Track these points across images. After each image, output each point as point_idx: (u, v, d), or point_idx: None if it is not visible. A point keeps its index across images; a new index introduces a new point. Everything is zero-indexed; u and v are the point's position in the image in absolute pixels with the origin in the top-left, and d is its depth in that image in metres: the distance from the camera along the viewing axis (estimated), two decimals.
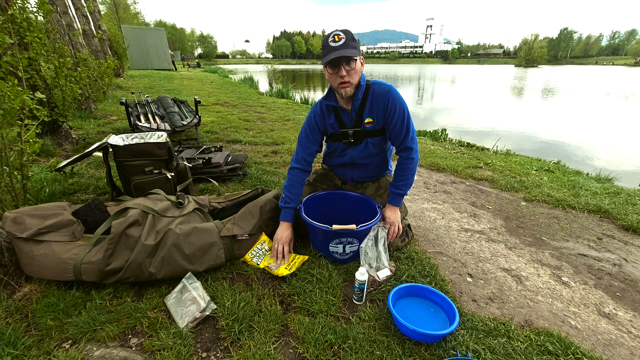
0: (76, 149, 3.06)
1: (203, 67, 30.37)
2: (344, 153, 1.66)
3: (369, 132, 1.56)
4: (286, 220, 1.57)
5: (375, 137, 1.58)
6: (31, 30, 2.03)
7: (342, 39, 1.33)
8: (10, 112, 1.35)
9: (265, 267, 1.47)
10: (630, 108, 11.49)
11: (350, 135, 1.57)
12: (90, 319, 1.15)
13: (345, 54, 1.31)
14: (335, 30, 1.37)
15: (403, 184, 1.57)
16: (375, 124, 1.54)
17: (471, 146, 4.43)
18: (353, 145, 1.62)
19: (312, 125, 1.63)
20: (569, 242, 1.95)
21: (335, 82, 1.40)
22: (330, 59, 1.32)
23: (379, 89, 1.48)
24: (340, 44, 1.32)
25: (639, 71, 52.43)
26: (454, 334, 1.16)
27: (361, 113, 1.52)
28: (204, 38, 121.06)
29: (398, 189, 1.58)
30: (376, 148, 1.62)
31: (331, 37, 1.35)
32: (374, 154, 1.64)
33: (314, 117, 1.62)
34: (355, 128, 1.56)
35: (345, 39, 1.33)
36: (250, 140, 3.85)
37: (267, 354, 1.05)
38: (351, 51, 1.33)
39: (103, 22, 9.55)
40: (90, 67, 5.28)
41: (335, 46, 1.33)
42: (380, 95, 1.48)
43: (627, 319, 1.35)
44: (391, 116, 1.49)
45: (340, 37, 1.33)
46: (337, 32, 1.35)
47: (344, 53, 1.31)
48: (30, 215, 1.31)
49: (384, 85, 1.49)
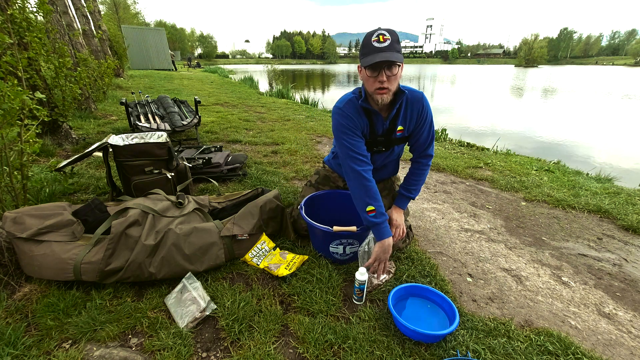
0: (76, 149, 3.06)
1: (203, 67, 30.37)
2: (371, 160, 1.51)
3: (399, 140, 1.51)
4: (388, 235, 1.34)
5: (401, 144, 1.55)
6: (31, 30, 2.02)
7: (388, 39, 1.21)
8: (10, 112, 1.35)
9: (265, 268, 1.47)
10: (630, 108, 11.49)
11: (381, 142, 1.48)
12: (90, 319, 1.15)
13: (390, 57, 1.20)
14: (379, 28, 1.25)
15: (414, 188, 1.55)
16: (405, 131, 1.48)
17: (471, 146, 4.43)
18: (382, 153, 1.54)
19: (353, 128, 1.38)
20: (569, 242, 1.95)
21: (372, 87, 1.28)
22: (374, 61, 1.20)
23: (412, 96, 1.41)
24: (386, 45, 1.21)
25: (639, 71, 52.42)
26: (454, 334, 1.16)
27: (395, 120, 1.44)
28: (204, 38, 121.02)
29: (409, 192, 1.55)
30: (399, 153, 1.61)
31: (375, 36, 1.22)
32: (394, 160, 1.63)
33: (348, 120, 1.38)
34: (387, 136, 1.47)
35: (391, 41, 1.21)
36: (250, 140, 3.85)
37: (267, 354, 1.05)
38: (396, 55, 1.21)
39: (103, 22, 9.54)
40: (90, 67, 5.28)
41: (380, 47, 1.21)
42: (414, 102, 1.41)
43: (627, 319, 1.35)
44: (422, 124, 1.45)
45: (386, 38, 1.21)
46: (382, 32, 1.23)
47: (389, 57, 1.19)
48: (30, 215, 1.31)
49: (417, 92, 1.42)
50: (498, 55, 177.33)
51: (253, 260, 1.50)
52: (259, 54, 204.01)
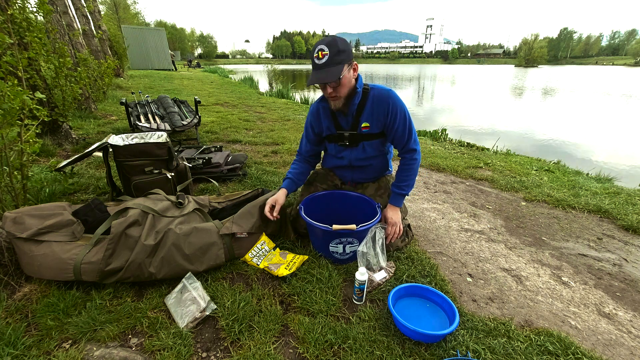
0: (76, 149, 3.06)
1: (203, 67, 30.37)
2: (341, 155, 1.66)
3: (366, 136, 1.56)
4: (281, 188, 1.62)
5: (372, 140, 1.58)
6: (31, 30, 2.02)
7: (326, 55, 1.28)
8: (10, 112, 1.35)
9: (265, 268, 1.47)
10: (631, 108, 11.49)
11: (346, 137, 1.57)
12: (90, 319, 1.15)
13: (325, 79, 1.30)
14: (320, 44, 1.31)
15: (405, 185, 1.57)
16: (372, 128, 1.53)
17: (471, 146, 4.43)
18: (349, 148, 1.61)
19: (308, 127, 1.65)
20: (569, 242, 1.95)
21: (325, 94, 1.43)
22: (311, 83, 1.32)
23: (379, 94, 1.47)
24: (324, 62, 1.29)
25: (639, 71, 52.40)
26: (454, 334, 1.15)
27: (358, 117, 1.51)
28: (204, 38, 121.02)
29: (400, 189, 1.58)
30: (374, 150, 1.62)
31: (315, 52, 1.31)
32: (373, 156, 1.64)
33: (310, 118, 1.64)
34: (351, 131, 1.56)
35: (329, 55, 1.28)
36: (250, 140, 3.85)
37: (267, 354, 1.05)
38: (333, 72, 1.29)
39: (103, 22, 9.54)
40: (90, 67, 5.28)
41: (319, 64, 1.30)
42: (380, 100, 1.47)
43: (627, 319, 1.35)
44: (393, 121, 1.49)
45: (324, 54, 1.28)
46: (322, 47, 1.29)
47: (324, 79, 1.30)
48: (30, 215, 1.31)
49: (384, 90, 1.48)
50: (498, 55, 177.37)
51: (253, 260, 1.50)
52: (259, 54, 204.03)
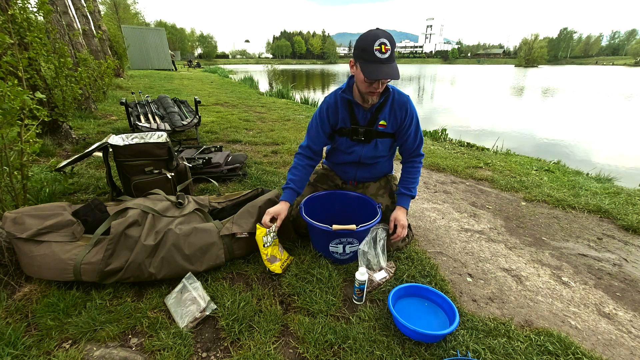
0: (76, 149, 3.06)
1: (203, 67, 30.37)
2: (351, 150, 1.61)
3: (380, 134, 1.56)
4: (283, 200, 1.51)
5: (385, 139, 1.58)
6: (31, 30, 2.03)
7: (389, 50, 1.22)
8: (10, 112, 1.35)
9: (267, 255, 1.44)
10: (631, 108, 11.49)
11: (362, 133, 1.54)
12: (90, 319, 1.15)
13: (392, 75, 1.24)
14: (379, 34, 1.24)
15: (413, 187, 1.61)
16: (388, 127, 1.54)
17: (471, 146, 4.43)
18: (362, 144, 1.58)
19: (324, 117, 1.56)
20: (569, 242, 1.95)
21: (365, 89, 1.36)
22: (377, 77, 1.25)
23: (399, 98, 1.50)
24: (387, 57, 1.23)
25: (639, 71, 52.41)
26: (454, 334, 1.16)
27: (377, 114, 1.51)
28: (204, 38, 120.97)
29: (409, 190, 1.60)
30: (385, 149, 1.63)
31: (377, 45, 1.22)
32: (382, 155, 1.65)
33: (327, 108, 1.55)
34: (367, 127, 1.54)
35: (391, 51, 1.22)
36: (250, 140, 3.85)
37: (267, 354, 1.05)
38: (396, 68, 1.26)
39: (103, 22, 9.54)
40: (90, 67, 5.28)
41: (382, 59, 1.23)
42: (400, 103, 1.50)
43: (627, 319, 1.35)
44: (407, 127, 1.53)
45: (387, 48, 1.22)
46: (384, 41, 1.22)
47: (392, 75, 1.24)
48: (30, 216, 1.31)
49: (404, 95, 1.51)
50: (498, 55, 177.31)
51: (263, 240, 1.45)
52: (259, 54, 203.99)
